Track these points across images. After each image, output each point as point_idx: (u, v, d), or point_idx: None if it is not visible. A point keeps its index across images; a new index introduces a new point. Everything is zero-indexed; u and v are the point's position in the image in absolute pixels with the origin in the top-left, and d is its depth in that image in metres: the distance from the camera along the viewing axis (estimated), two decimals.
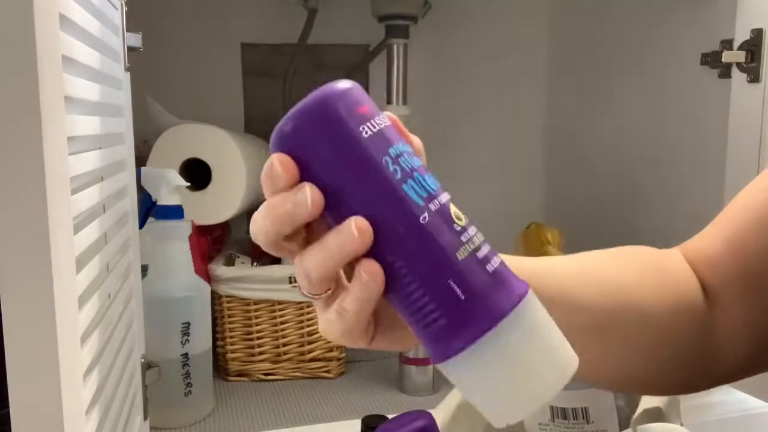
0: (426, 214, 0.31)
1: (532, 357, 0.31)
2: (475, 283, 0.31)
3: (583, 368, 0.45)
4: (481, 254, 0.31)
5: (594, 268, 0.46)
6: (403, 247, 0.31)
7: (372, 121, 0.32)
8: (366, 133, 0.31)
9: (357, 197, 0.31)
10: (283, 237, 0.31)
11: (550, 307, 0.40)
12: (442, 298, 0.31)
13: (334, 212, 0.31)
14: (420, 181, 0.32)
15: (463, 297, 0.30)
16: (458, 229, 0.31)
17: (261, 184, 0.32)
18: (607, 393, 0.58)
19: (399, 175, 0.31)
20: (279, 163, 0.31)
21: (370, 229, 0.30)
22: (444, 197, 0.32)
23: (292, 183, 0.31)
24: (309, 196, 0.30)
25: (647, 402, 0.57)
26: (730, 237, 0.49)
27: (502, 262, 0.32)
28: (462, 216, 0.32)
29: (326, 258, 0.31)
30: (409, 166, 0.32)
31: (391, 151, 0.32)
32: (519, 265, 0.39)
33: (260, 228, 0.31)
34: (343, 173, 0.31)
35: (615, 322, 0.44)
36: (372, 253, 0.31)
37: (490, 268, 0.31)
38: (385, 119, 0.33)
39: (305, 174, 0.31)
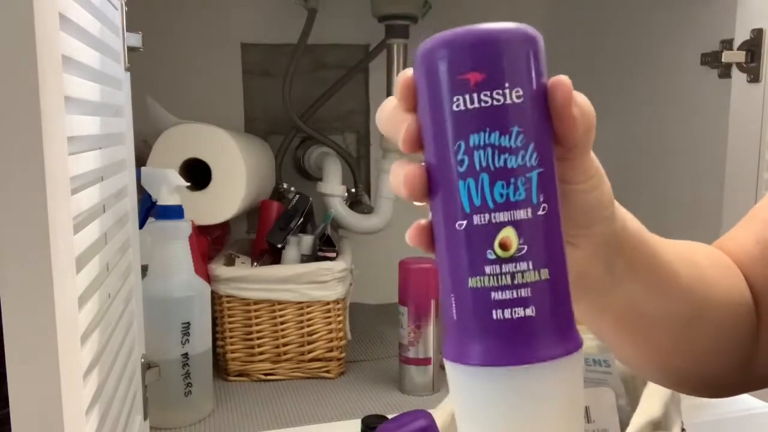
0: (464, 223, 0.29)
1: (479, 421, 0.29)
2: (468, 316, 0.29)
3: (661, 358, 0.45)
4: (500, 296, 0.28)
5: (689, 258, 0.45)
6: (436, 233, 0.30)
7: (478, 95, 0.28)
8: (458, 105, 0.28)
9: (427, 162, 0.30)
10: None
11: (660, 291, 0.40)
12: (446, 305, 0.30)
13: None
14: (482, 187, 0.28)
15: (455, 318, 0.30)
16: (491, 257, 0.28)
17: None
18: (609, 392, 0.58)
19: (462, 168, 0.28)
20: (399, 82, 0.31)
21: (418, 189, 0.30)
22: (501, 217, 0.28)
23: (405, 106, 0.31)
24: (403, 132, 0.31)
25: (646, 402, 0.57)
26: (762, 241, 0.48)
27: (534, 320, 0.28)
28: (515, 248, 0.28)
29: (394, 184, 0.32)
30: (485, 164, 0.28)
31: (474, 138, 0.28)
32: (641, 241, 0.39)
33: (379, 121, 0.33)
34: (426, 132, 0.30)
35: (704, 316, 0.44)
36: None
37: (498, 314, 0.28)
38: (511, 95, 0.28)
39: (417, 103, 0.31)
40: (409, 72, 0.31)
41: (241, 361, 0.96)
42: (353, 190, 1.25)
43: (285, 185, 1.23)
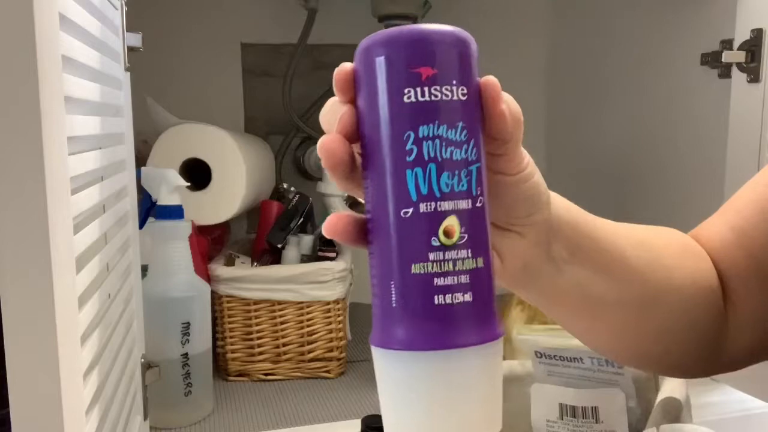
0: (410, 210, 0.30)
1: (417, 407, 0.30)
2: (410, 301, 0.30)
3: (619, 340, 0.46)
4: (442, 281, 0.29)
5: (644, 241, 0.46)
6: (376, 222, 0.31)
7: (429, 88, 0.30)
8: (408, 97, 0.30)
9: (369, 151, 0.31)
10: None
11: (609, 274, 0.42)
12: (382, 292, 0.31)
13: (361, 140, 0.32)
14: (430, 176, 0.29)
15: (394, 305, 0.30)
16: (435, 244, 0.29)
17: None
18: (619, 393, 0.57)
19: (411, 157, 0.29)
20: (337, 75, 0.32)
21: (335, 157, 0.31)
22: (446, 206, 0.29)
23: (343, 98, 0.32)
24: (337, 122, 0.31)
25: (665, 399, 0.57)
26: (736, 228, 0.49)
27: (472, 305, 0.30)
28: (457, 236, 0.29)
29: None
30: (433, 155, 0.29)
31: (423, 129, 0.29)
32: (577, 226, 0.40)
33: (321, 116, 0.33)
34: (370, 121, 0.31)
35: (660, 298, 0.45)
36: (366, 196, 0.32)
37: (440, 299, 0.29)
38: (457, 92, 0.30)
39: (357, 94, 0.32)
40: (347, 65, 0.32)
41: (241, 361, 0.96)
42: None
43: (285, 185, 1.23)
